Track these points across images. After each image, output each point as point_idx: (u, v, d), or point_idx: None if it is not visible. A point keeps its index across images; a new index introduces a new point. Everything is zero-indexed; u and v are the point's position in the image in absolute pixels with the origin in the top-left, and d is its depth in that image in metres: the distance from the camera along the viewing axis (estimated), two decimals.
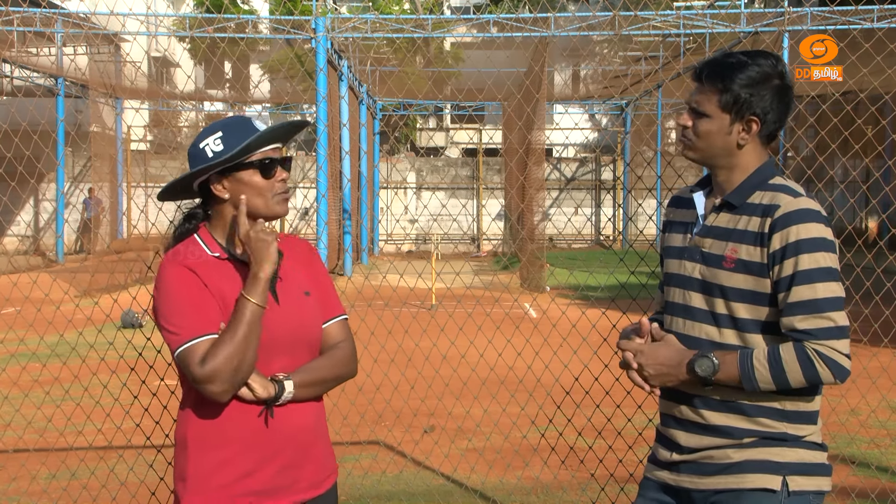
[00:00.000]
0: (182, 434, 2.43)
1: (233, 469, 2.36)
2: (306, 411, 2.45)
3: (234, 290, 2.39)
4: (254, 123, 2.48)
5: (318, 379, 2.46)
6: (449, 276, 12.56)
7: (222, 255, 2.45)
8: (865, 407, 6.98)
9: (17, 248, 24.21)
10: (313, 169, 26.51)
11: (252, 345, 2.31)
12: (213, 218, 2.50)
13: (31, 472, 5.72)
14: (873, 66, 6.44)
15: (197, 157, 2.44)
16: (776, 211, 2.38)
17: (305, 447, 2.45)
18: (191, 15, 23.99)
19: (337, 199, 18.55)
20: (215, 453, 2.37)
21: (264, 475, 2.38)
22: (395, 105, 29.20)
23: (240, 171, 2.43)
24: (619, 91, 27.02)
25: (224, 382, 2.28)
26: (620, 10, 18.03)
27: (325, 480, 2.52)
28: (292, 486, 2.42)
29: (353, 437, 6.40)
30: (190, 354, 2.29)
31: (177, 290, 2.36)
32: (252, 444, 2.37)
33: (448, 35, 29.23)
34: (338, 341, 2.55)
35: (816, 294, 2.32)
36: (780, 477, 2.40)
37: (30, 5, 17.21)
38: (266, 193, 2.44)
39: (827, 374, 2.31)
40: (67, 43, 22.54)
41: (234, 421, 2.36)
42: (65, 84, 23.57)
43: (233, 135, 2.43)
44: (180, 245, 2.46)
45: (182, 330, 2.32)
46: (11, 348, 7.62)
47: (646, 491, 2.64)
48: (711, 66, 2.48)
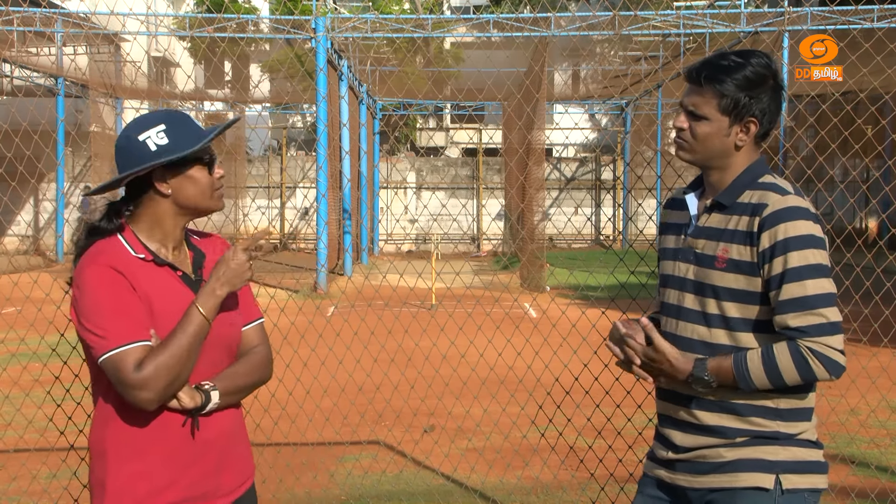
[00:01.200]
0: (99, 442, 2.36)
1: (154, 479, 2.31)
2: (226, 417, 2.42)
3: (160, 294, 2.33)
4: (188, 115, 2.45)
5: (239, 386, 2.43)
6: (449, 275, 12.56)
7: (147, 257, 2.36)
8: (865, 407, 6.98)
9: (18, 247, 24.22)
10: (313, 169, 26.52)
11: (192, 357, 2.27)
12: (139, 215, 2.41)
13: (32, 471, 5.72)
14: (873, 65, 6.44)
15: (135, 150, 2.34)
16: (764, 210, 2.39)
17: (225, 453, 2.42)
18: (191, 15, 23.99)
19: (337, 199, 18.55)
20: (135, 464, 2.31)
21: (184, 483, 2.34)
22: (395, 105, 29.20)
23: (188, 166, 2.38)
24: (619, 91, 27.02)
25: (157, 391, 2.22)
26: (620, 10, 18.03)
27: (243, 484, 2.49)
28: (214, 491, 2.39)
29: (353, 437, 6.41)
30: (122, 360, 2.21)
31: (103, 292, 2.26)
32: (173, 454, 2.32)
33: (448, 35, 29.24)
34: (255, 345, 2.51)
35: (807, 291, 2.33)
36: (772, 475, 2.40)
37: (30, 5, 17.22)
38: (208, 189, 2.42)
39: (822, 371, 2.32)
40: (67, 43, 22.54)
41: (157, 429, 2.31)
42: (65, 84, 23.57)
43: (177, 129, 2.37)
44: (101, 243, 2.35)
45: (110, 334, 2.23)
46: (12, 348, 7.63)
47: (644, 488, 2.67)
48: (708, 68, 2.47)
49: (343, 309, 11.50)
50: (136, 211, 2.41)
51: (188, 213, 2.42)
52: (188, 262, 2.46)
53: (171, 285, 2.37)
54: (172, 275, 2.39)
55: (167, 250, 2.42)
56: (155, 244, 2.40)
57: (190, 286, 2.40)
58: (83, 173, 26.76)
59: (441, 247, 25.81)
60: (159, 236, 2.41)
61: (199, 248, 2.52)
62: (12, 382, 6.81)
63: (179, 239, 2.46)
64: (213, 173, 2.43)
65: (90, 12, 12.57)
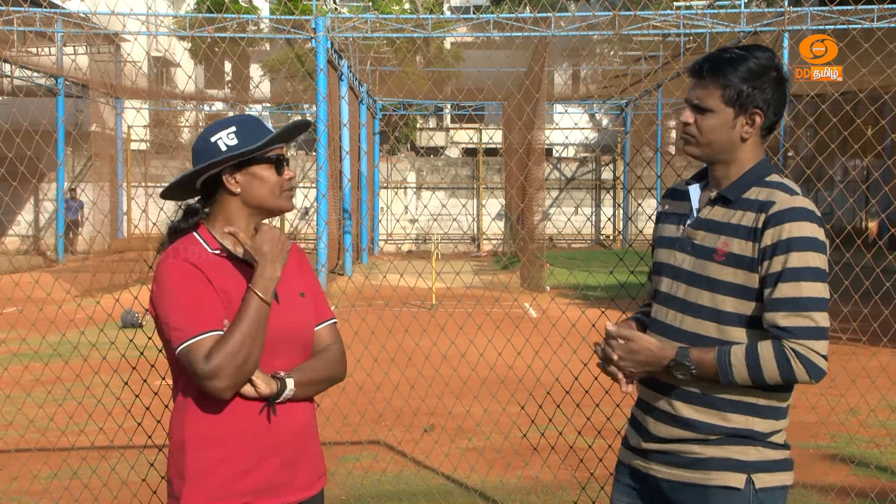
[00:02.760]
0: (179, 432, 2.42)
1: (232, 466, 2.36)
2: (303, 410, 2.48)
3: (237, 288, 2.39)
4: (261, 120, 2.53)
5: (314, 378, 2.48)
6: (449, 275, 12.57)
7: (223, 253, 2.45)
8: (865, 406, 6.99)
9: (18, 247, 24.22)
10: (313, 169, 26.51)
11: (258, 341, 2.32)
12: (214, 215, 2.50)
13: (33, 471, 5.73)
14: (873, 65, 6.45)
15: (207, 152, 2.45)
16: (771, 207, 2.40)
17: (302, 445, 2.47)
18: (191, 15, 24.00)
19: (337, 199, 18.56)
20: (215, 451, 2.36)
21: (264, 472, 2.39)
22: (395, 105, 29.20)
23: (255, 165, 2.46)
24: (619, 91, 27.03)
25: (229, 378, 2.28)
26: (620, 10, 18.04)
27: (317, 482, 2.54)
28: (289, 483, 2.43)
29: (354, 437, 6.42)
30: (194, 350, 2.28)
31: (180, 286, 2.34)
32: (252, 441, 2.37)
33: (448, 35, 29.24)
34: (328, 344, 2.58)
35: (801, 293, 2.34)
36: (744, 475, 2.43)
37: (30, 5, 17.22)
38: (276, 189, 2.48)
39: (802, 373, 2.34)
40: (68, 43, 22.55)
41: (234, 418, 2.36)
42: (65, 84, 23.57)
43: (247, 130, 2.46)
44: (179, 242, 2.45)
45: (186, 326, 2.31)
46: (13, 347, 7.64)
47: (620, 476, 2.71)
48: (711, 61, 2.50)
49: (343, 309, 11.50)
50: (211, 211, 2.51)
51: (257, 211, 2.49)
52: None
53: (245, 280, 2.42)
54: (247, 270, 2.44)
55: (241, 248, 2.47)
56: (229, 241, 2.48)
57: None
58: (83, 173, 26.76)
59: (441, 247, 25.82)
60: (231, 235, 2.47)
61: None
62: (13, 382, 6.82)
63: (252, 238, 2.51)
64: (283, 174, 2.49)
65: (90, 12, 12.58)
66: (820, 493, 5.37)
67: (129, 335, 5.07)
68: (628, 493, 2.65)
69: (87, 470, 5.46)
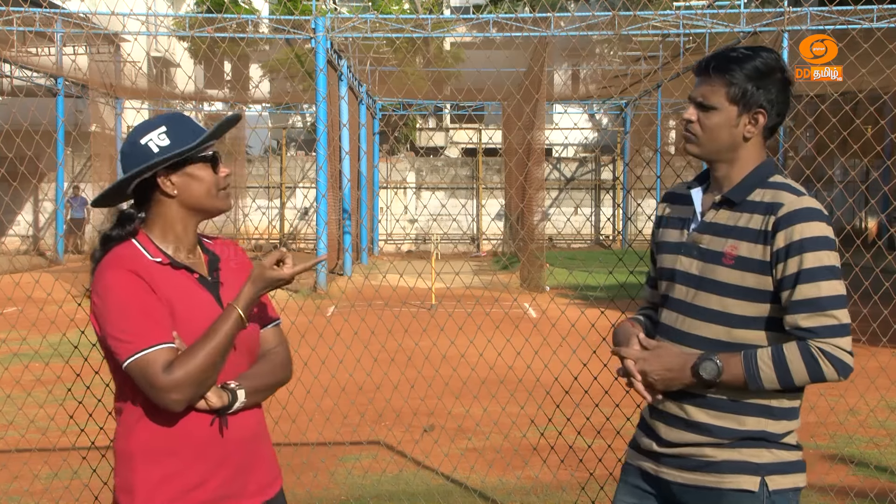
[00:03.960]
0: (125, 445, 2.36)
1: (182, 480, 2.32)
2: (250, 417, 2.44)
3: (181, 296, 2.34)
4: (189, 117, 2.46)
5: (263, 385, 2.45)
6: (449, 275, 12.57)
7: (164, 260, 2.37)
8: (864, 406, 6.99)
9: (18, 247, 24.22)
10: (313, 169, 26.53)
11: (223, 358, 2.29)
12: (152, 219, 2.42)
13: (34, 471, 5.74)
14: (872, 65, 6.46)
15: (138, 154, 2.36)
16: (780, 209, 2.39)
17: (252, 452, 2.44)
18: (191, 15, 24.00)
19: (337, 199, 18.56)
20: (164, 465, 2.31)
21: (214, 483, 2.35)
22: (394, 105, 29.20)
23: (191, 165, 2.39)
24: (619, 91, 27.03)
25: (187, 392, 2.23)
26: (620, 10, 18.05)
27: (272, 484, 2.50)
28: (241, 492, 2.40)
29: (354, 437, 6.43)
30: (151, 363, 2.22)
31: (125, 297, 2.26)
32: (202, 453, 2.33)
33: (448, 35, 29.24)
34: (273, 346, 2.53)
35: (820, 292, 2.34)
36: (758, 478, 2.42)
37: (30, 5, 17.22)
38: (213, 188, 2.42)
39: (831, 372, 2.34)
40: (68, 43, 22.54)
41: (185, 430, 2.32)
42: (65, 84, 23.57)
43: (177, 129, 2.38)
44: (118, 249, 2.36)
45: (135, 337, 2.23)
46: (14, 347, 7.64)
47: (627, 476, 2.68)
48: (717, 59, 2.49)
49: (343, 309, 11.51)
50: (148, 216, 2.42)
51: (196, 213, 2.43)
52: (203, 265, 2.48)
53: (189, 288, 2.38)
54: (190, 277, 2.40)
55: (182, 254, 2.43)
56: (170, 247, 2.41)
57: (207, 288, 2.42)
58: (83, 173, 26.77)
59: (441, 247, 25.82)
60: (172, 240, 2.42)
61: (213, 250, 2.54)
62: (14, 382, 6.82)
63: (193, 242, 2.47)
64: (218, 172, 2.44)
65: (90, 12, 12.58)
66: (819, 494, 5.37)
67: None
68: (635, 494, 2.63)
69: (88, 470, 5.46)
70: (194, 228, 2.46)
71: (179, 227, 2.42)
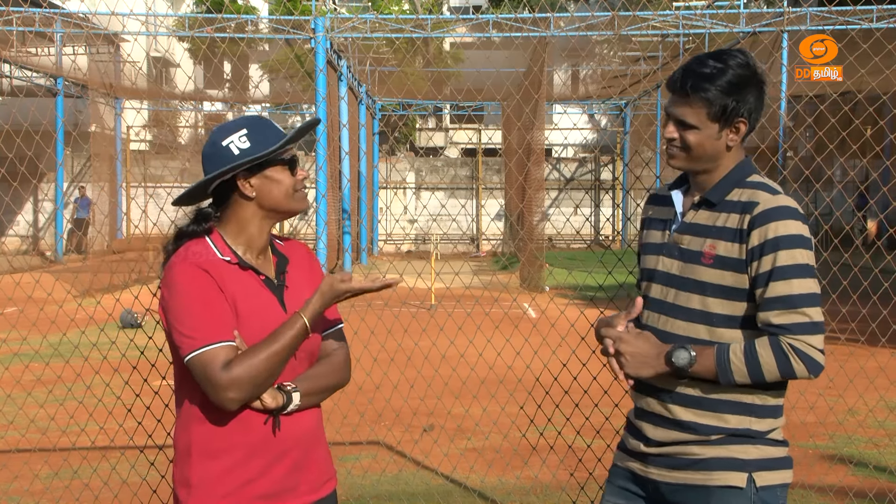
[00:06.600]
0: (184, 440, 2.41)
1: (238, 475, 2.36)
2: (309, 416, 2.47)
3: (245, 296, 2.37)
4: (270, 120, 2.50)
5: (320, 387, 2.47)
6: (448, 275, 12.58)
7: (233, 260, 2.40)
8: (863, 406, 7.00)
9: (18, 247, 24.22)
10: (313, 169, 26.50)
11: (283, 364, 2.33)
12: (227, 219, 2.45)
13: (34, 470, 5.74)
14: (872, 66, 6.46)
15: (219, 156, 2.40)
16: (755, 208, 2.42)
17: (308, 450, 2.46)
18: (191, 15, 24.00)
19: (336, 200, 18.56)
20: (221, 460, 2.36)
21: (270, 479, 2.38)
22: (394, 105, 29.20)
23: (270, 167, 2.42)
24: (618, 91, 27.03)
25: (243, 391, 2.27)
26: (619, 11, 18.05)
27: (326, 484, 2.53)
28: (295, 488, 2.43)
29: (353, 437, 6.43)
30: (210, 360, 2.26)
31: (192, 292, 2.31)
32: (258, 450, 2.37)
33: (447, 35, 29.25)
34: (334, 348, 2.56)
35: (792, 290, 2.37)
36: (745, 474, 2.44)
37: (30, 5, 17.23)
38: (290, 189, 2.46)
39: (801, 369, 2.36)
40: (67, 43, 22.54)
41: (241, 428, 2.35)
42: (65, 84, 23.57)
43: (258, 132, 2.42)
44: (190, 245, 2.40)
45: (198, 333, 2.28)
46: (14, 347, 7.65)
47: (615, 479, 2.70)
48: (692, 77, 2.47)
49: (343, 309, 11.51)
50: (224, 215, 2.46)
51: (272, 215, 2.46)
52: (271, 267, 2.50)
53: (254, 288, 2.41)
54: (256, 279, 2.42)
55: (252, 255, 2.45)
56: (241, 248, 2.44)
57: (272, 290, 2.45)
58: (83, 173, 26.77)
59: (440, 247, 25.82)
60: (245, 240, 2.45)
61: (283, 253, 2.56)
62: (14, 382, 6.83)
63: (265, 244, 2.49)
64: (296, 174, 2.47)
65: (90, 12, 12.58)
66: (819, 494, 5.38)
67: (130, 335, 5.08)
68: (623, 496, 2.65)
69: (88, 469, 5.47)
70: (268, 230, 2.49)
71: (254, 229, 2.45)
